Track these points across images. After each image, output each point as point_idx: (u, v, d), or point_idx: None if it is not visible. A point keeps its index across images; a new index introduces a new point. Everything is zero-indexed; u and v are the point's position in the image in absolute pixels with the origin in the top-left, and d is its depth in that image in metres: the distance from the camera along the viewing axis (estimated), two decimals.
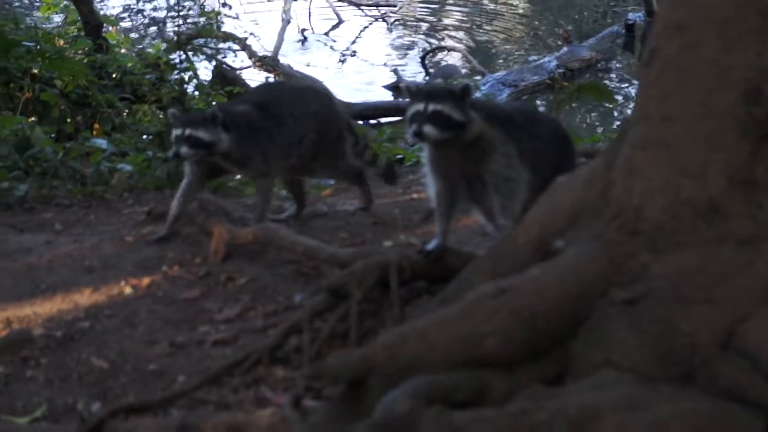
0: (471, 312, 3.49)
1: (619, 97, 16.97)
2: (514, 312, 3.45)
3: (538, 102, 16.18)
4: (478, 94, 14.45)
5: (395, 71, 18.88)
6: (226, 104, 6.52)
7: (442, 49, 21.05)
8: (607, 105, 15.37)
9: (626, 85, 18.22)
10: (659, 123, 3.55)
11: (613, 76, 18.90)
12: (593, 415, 3.11)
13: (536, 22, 23.59)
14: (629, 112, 15.13)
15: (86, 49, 12.49)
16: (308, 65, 18.83)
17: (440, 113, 4.69)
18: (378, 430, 3.10)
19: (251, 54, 16.73)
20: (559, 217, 3.91)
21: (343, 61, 20.56)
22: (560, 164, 4.98)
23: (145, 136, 10.69)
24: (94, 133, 10.74)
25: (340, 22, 22.71)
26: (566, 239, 3.83)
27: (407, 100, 4.92)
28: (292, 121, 6.43)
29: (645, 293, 3.41)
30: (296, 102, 6.53)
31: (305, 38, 21.51)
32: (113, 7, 21.42)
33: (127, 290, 5.70)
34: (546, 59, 18.40)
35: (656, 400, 3.17)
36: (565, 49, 18.68)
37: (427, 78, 19.15)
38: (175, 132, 6.04)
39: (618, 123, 15.46)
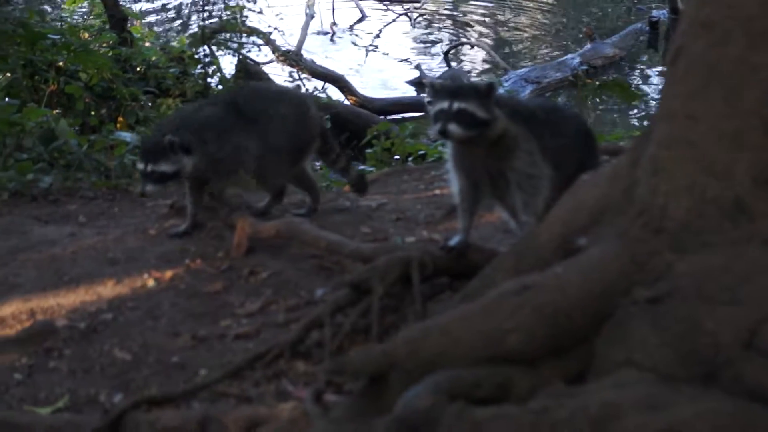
0: (494, 308, 3.48)
1: (644, 94, 16.90)
2: (537, 309, 3.45)
3: (560, 99, 16.14)
4: (500, 91, 14.43)
5: (418, 67, 18.86)
6: (192, 112, 6.28)
7: (464, 44, 21.02)
8: (629, 102, 15.30)
9: (649, 82, 18.16)
10: (684, 121, 3.53)
11: (636, 73, 18.84)
12: (614, 413, 3.10)
13: (560, 19, 23.52)
14: (652, 110, 15.12)
15: (111, 42, 12.54)
16: (326, 57, 18.83)
17: (465, 111, 4.68)
18: (399, 426, 3.11)
19: (275, 48, 16.75)
20: (582, 215, 3.90)
21: (367, 56, 20.56)
22: (584, 161, 4.97)
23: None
24: (118, 126, 10.79)
25: (364, 17, 22.71)
26: (589, 237, 3.82)
27: (429, 96, 4.91)
28: (263, 123, 6.31)
29: (668, 292, 3.40)
30: (269, 106, 6.41)
31: (334, 32, 21.53)
32: (138, 1, 21.50)
33: (150, 283, 5.73)
34: (569, 56, 18.34)
35: (678, 400, 3.16)
36: (588, 46, 18.62)
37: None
38: (139, 166, 5.98)
39: (639, 121, 15.44)
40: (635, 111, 16.27)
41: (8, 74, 11.00)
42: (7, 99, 10.12)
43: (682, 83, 3.58)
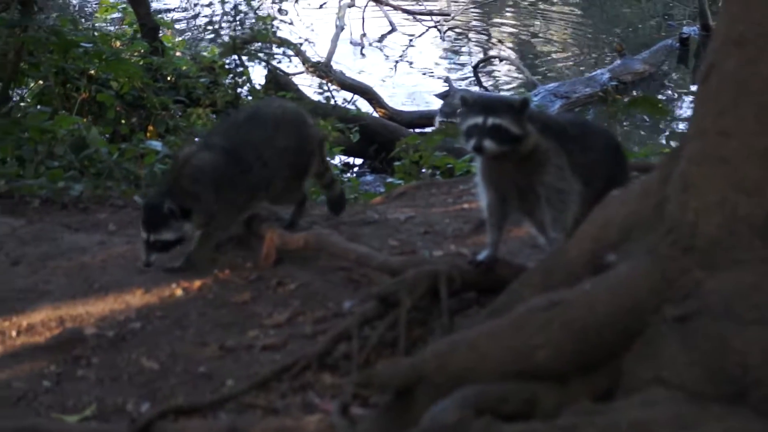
0: (522, 324, 3.48)
1: (673, 111, 16.84)
2: (566, 325, 3.44)
3: (589, 114, 16.09)
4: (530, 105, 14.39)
5: (447, 80, 18.86)
6: (184, 164, 6.02)
7: (493, 59, 21.00)
8: (659, 119, 15.25)
9: (679, 99, 18.10)
10: (716, 138, 3.52)
11: (666, 90, 18.78)
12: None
13: (590, 34, 23.48)
14: (681, 126, 15.08)
15: (142, 51, 12.60)
16: (360, 72, 18.87)
17: (500, 127, 4.66)
18: None
19: (305, 59, 16.79)
20: (612, 231, 3.89)
21: (396, 69, 20.60)
22: (613, 177, 4.95)
23: (198, 139, 10.72)
24: (149, 135, 10.83)
25: (394, 29, 22.73)
26: (619, 253, 3.81)
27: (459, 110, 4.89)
28: (260, 165, 6.16)
29: (698, 310, 3.39)
30: (266, 143, 6.22)
31: (363, 45, 21.57)
32: (170, 11, 21.62)
33: (178, 292, 5.74)
34: (599, 71, 18.30)
35: (706, 419, 3.16)
36: (618, 61, 18.57)
37: (480, 89, 19.11)
38: (142, 236, 5.83)
39: (668, 137, 15.38)
40: (663, 127, 16.23)
41: (40, 82, 11.07)
42: (39, 106, 10.20)
43: (713, 100, 3.58)
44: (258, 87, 13.87)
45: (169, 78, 12.41)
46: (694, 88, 17.44)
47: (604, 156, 5.05)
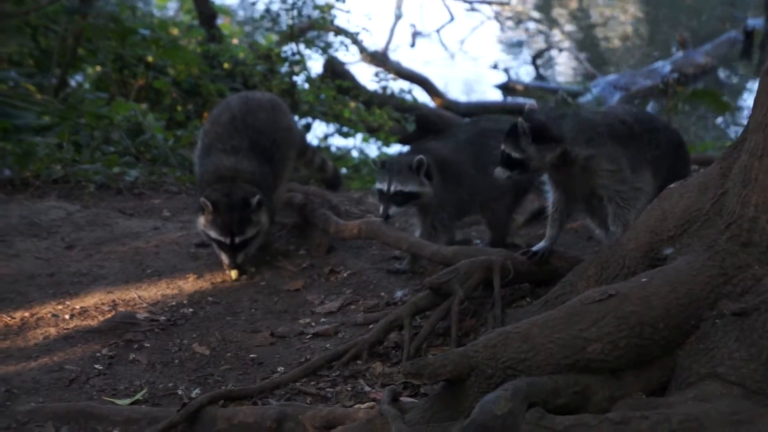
0: (576, 316, 3.43)
1: (735, 105, 16.63)
2: (621, 318, 3.39)
3: (649, 107, 15.92)
4: (589, 96, 14.28)
5: (506, 70, 18.77)
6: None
7: (553, 49, 20.88)
8: (720, 112, 15.05)
9: (741, 92, 17.87)
10: None
11: (728, 83, 18.54)
12: (696, 427, 3.05)
13: (651, 25, 23.26)
14: (743, 120, 14.86)
15: (199, 38, 12.64)
16: (426, 63, 18.83)
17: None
18: (476, 430, 3.07)
19: (362, 48, 16.77)
20: (669, 224, 3.83)
21: (454, 58, 20.55)
22: (676, 171, 4.90)
23: None
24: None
25: (452, 19, 22.67)
26: (676, 247, 3.75)
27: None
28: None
29: (756, 306, 3.33)
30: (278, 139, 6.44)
31: (416, 34, 21.53)
32: None
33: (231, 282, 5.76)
34: (660, 63, 18.09)
35: (763, 415, 3.10)
36: (680, 53, 18.35)
37: (537, 78, 19.01)
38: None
39: (730, 131, 15.17)
40: (724, 121, 16.02)
41: (98, 68, 11.15)
42: (96, 92, 10.26)
43: None
44: (314, 76, 13.86)
45: (225, 65, 12.43)
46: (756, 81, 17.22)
47: (669, 149, 4.99)
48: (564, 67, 20.20)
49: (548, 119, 4.68)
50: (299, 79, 13.00)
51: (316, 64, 14.86)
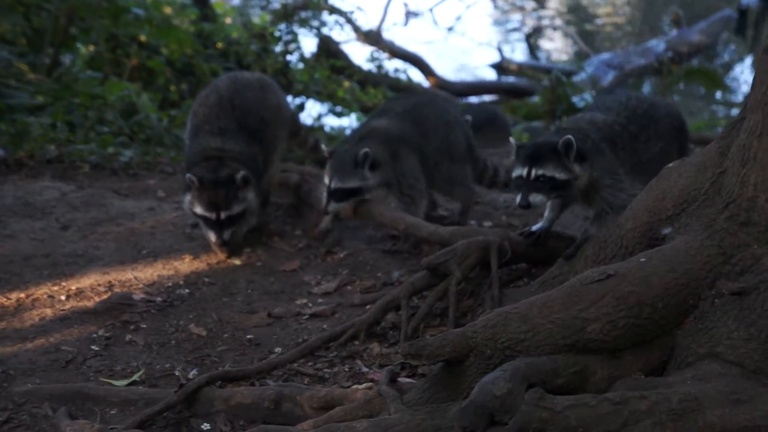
0: (575, 296, 3.42)
1: (731, 83, 16.61)
2: (620, 298, 3.38)
3: (644, 87, 15.89)
4: (583, 75, 14.24)
5: (499, 50, 18.73)
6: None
7: (547, 27, 20.83)
8: (714, 90, 15.05)
9: (735, 70, 17.85)
10: None
11: (722, 61, 18.52)
12: (695, 407, 3.04)
13: (645, 4, 23.22)
14: (737, 99, 14.85)
15: (193, 17, 12.58)
16: (427, 43, 18.78)
17: (544, 177, 4.54)
18: (475, 411, 3.06)
19: (356, 28, 16.72)
20: (668, 204, 3.82)
21: (447, 38, 20.49)
22: (679, 151, 4.90)
23: None
24: None
25: None
26: (675, 227, 3.74)
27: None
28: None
29: (755, 285, 3.32)
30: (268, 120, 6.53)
31: (410, 12, 21.47)
32: None
33: (227, 261, 5.75)
34: (654, 42, 18.05)
35: (762, 395, 3.10)
36: (674, 32, 18.30)
37: (532, 59, 18.97)
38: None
39: (724, 109, 15.16)
40: (719, 99, 16.00)
41: (91, 47, 11.09)
42: (89, 72, 10.21)
43: None
44: (308, 55, 13.82)
45: (219, 45, 12.39)
46: (750, 59, 17.21)
47: (670, 138, 4.95)
48: (557, 46, 20.14)
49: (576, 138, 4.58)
50: (293, 59, 12.96)
51: (310, 43, 14.82)
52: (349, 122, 13.15)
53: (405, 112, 6.00)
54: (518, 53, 19.59)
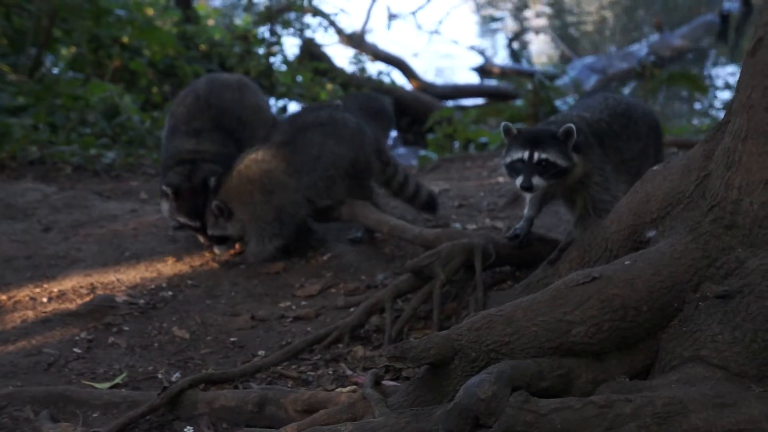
0: (560, 299, 3.42)
1: (713, 87, 16.65)
2: (605, 301, 3.38)
3: (626, 90, 15.92)
4: (566, 79, 14.27)
5: (482, 53, 18.75)
6: None
7: (529, 31, 20.88)
8: (696, 95, 15.10)
9: (718, 74, 17.91)
10: (763, 113, 3.43)
11: (704, 65, 18.58)
12: (680, 410, 3.04)
13: (628, 8, 23.28)
14: (718, 103, 14.90)
15: (175, 19, 12.57)
16: (415, 50, 18.78)
17: (547, 161, 4.47)
18: (459, 414, 3.06)
19: (339, 30, 16.72)
20: (652, 207, 3.82)
21: (429, 41, 20.51)
22: (656, 155, 4.90)
23: None
24: None
25: (429, 1, 22.63)
26: (659, 230, 3.74)
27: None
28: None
29: (740, 288, 3.32)
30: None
31: (393, 16, 21.49)
32: None
33: (210, 262, 5.73)
34: (636, 46, 18.11)
35: (747, 398, 3.09)
36: (656, 36, 18.36)
37: (515, 62, 18.99)
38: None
39: (705, 114, 15.21)
40: (700, 103, 16.06)
41: (73, 48, 11.06)
42: (71, 73, 10.19)
43: (761, 74, 3.48)
44: (291, 57, 13.82)
45: (201, 46, 12.38)
46: (731, 65, 17.27)
47: (648, 138, 4.95)
48: (540, 50, 20.19)
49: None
50: (276, 61, 12.95)
51: (293, 45, 14.81)
52: None
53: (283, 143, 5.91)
54: (501, 56, 19.61)
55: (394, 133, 14.94)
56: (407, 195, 6.14)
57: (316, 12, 15.07)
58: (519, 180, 4.41)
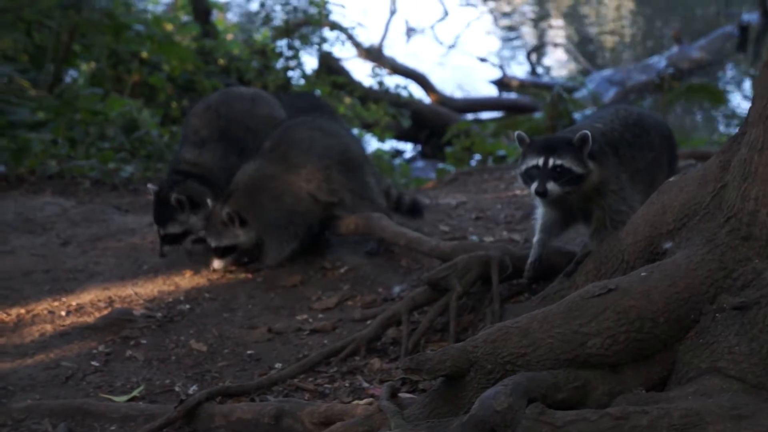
0: (576, 311, 3.42)
1: (732, 99, 16.59)
2: (621, 313, 3.37)
3: (645, 103, 15.87)
4: (584, 92, 14.25)
5: (500, 66, 18.75)
6: None
7: (548, 44, 20.87)
8: (715, 107, 15.05)
9: (737, 87, 17.85)
10: None
11: (723, 77, 18.52)
12: (697, 422, 3.03)
13: (646, 21, 23.25)
14: (738, 114, 14.85)
15: (194, 34, 12.62)
16: (412, 57, 18.79)
17: (562, 168, 4.44)
18: (475, 426, 3.05)
19: (356, 44, 16.74)
20: (668, 218, 3.81)
21: (448, 54, 20.52)
22: (670, 166, 4.88)
23: None
24: None
25: (447, 14, 22.65)
26: (675, 241, 3.73)
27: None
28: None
29: (757, 300, 3.31)
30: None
31: (411, 29, 21.52)
32: None
33: (228, 275, 5.74)
34: (655, 58, 18.06)
35: (764, 410, 3.08)
36: (675, 48, 18.32)
37: (531, 74, 18.99)
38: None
39: (725, 125, 15.16)
40: (719, 115, 16.00)
41: (93, 64, 11.12)
42: (90, 88, 10.24)
43: None
44: (309, 71, 13.84)
45: (220, 61, 12.42)
46: (750, 77, 17.20)
47: (662, 149, 4.94)
48: (558, 63, 20.17)
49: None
50: (295, 75, 12.98)
51: (311, 59, 14.84)
52: None
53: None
54: (520, 69, 19.60)
55: (412, 146, 14.99)
56: (392, 200, 6.32)
57: (334, 26, 15.10)
58: (534, 185, 4.39)
